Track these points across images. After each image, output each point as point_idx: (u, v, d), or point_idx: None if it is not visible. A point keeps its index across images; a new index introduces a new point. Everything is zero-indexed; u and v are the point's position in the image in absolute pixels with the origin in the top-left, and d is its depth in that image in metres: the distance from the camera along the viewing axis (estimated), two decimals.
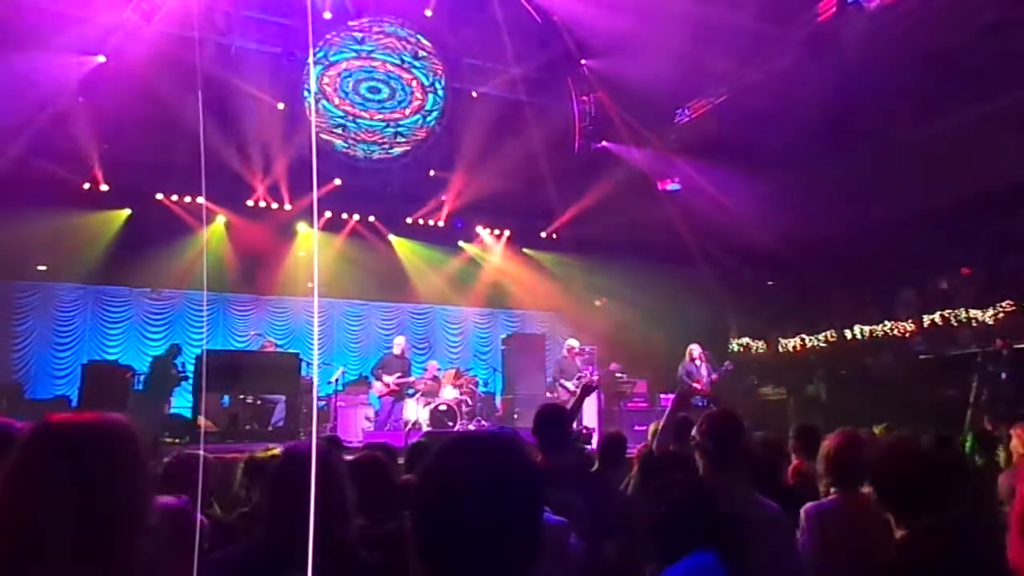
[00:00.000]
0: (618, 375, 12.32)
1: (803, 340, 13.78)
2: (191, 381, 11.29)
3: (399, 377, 11.16)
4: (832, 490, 3.04)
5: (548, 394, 12.50)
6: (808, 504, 2.96)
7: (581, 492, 3.27)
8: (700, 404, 9.83)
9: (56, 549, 1.12)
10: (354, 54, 13.56)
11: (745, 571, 1.86)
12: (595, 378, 11.28)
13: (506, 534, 1.14)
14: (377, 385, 11.20)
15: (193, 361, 11.58)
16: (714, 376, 10.84)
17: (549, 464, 3.48)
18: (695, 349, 11.15)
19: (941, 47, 9.71)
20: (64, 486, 1.15)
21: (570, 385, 11.08)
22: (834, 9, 11.30)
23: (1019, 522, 1.98)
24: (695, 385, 10.52)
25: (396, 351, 11.57)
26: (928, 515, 2.13)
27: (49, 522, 1.12)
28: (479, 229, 14.91)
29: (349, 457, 3.78)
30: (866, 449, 3.14)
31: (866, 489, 3.09)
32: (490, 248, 15.11)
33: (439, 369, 12.57)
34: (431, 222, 14.28)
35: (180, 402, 11.69)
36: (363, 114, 13.71)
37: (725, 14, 11.08)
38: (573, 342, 11.97)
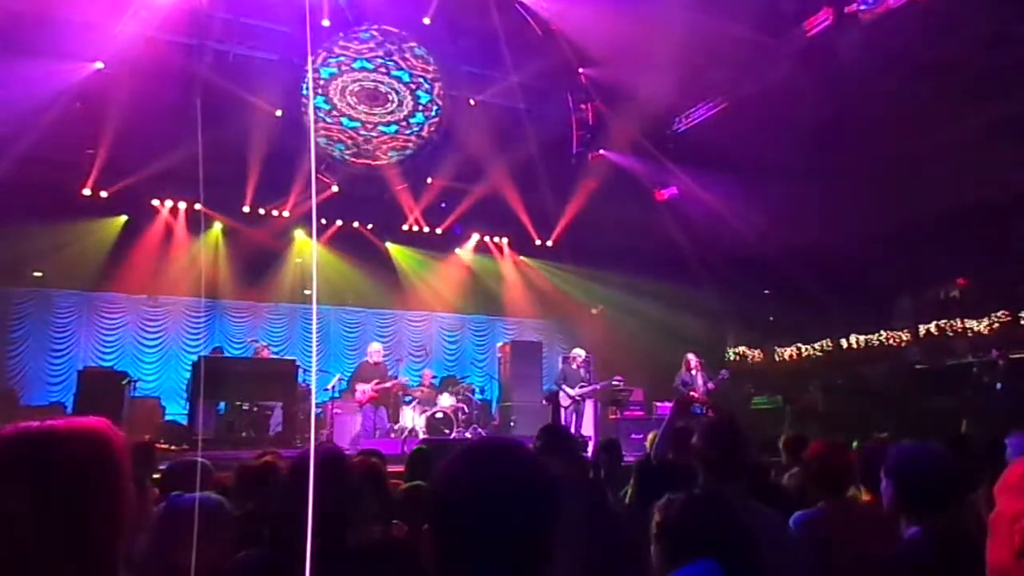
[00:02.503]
0: (615, 383, 12.33)
1: (799, 349, 13.82)
2: (188, 388, 11.30)
3: (377, 384, 11.14)
4: (820, 500, 3.07)
5: (545, 402, 12.51)
6: (796, 514, 2.99)
7: (579, 500, 3.31)
8: (698, 412, 9.82)
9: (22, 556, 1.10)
10: (353, 62, 13.59)
11: None
12: (583, 391, 11.24)
13: (524, 539, 1.17)
14: (357, 394, 11.16)
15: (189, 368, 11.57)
16: (710, 385, 10.82)
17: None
18: (691, 359, 11.15)
19: (937, 58, 9.77)
20: (23, 497, 1.11)
21: (572, 392, 11.11)
22: (830, 20, 11.39)
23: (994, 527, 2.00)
24: (691, 395, 10.51)
25: (371, 359, 11.53)
26: (943, 516, 2.20)
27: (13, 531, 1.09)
28: (476, 237, 14.92)
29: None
30: (847, 456, 3.19)
31: (866, 496, 3.13)
32: (487, 256, 15.12)
33: (434, 377, 12.56)
34: (427, 229, 14.29)
35: (175, 408, 11.67)
36: (361, 119, 13.72)
37: (722, 24, 11.14)
38: (579, 351, 12.00)
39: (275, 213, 12.95)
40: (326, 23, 12.98)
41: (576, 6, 12.79)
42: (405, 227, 14.15)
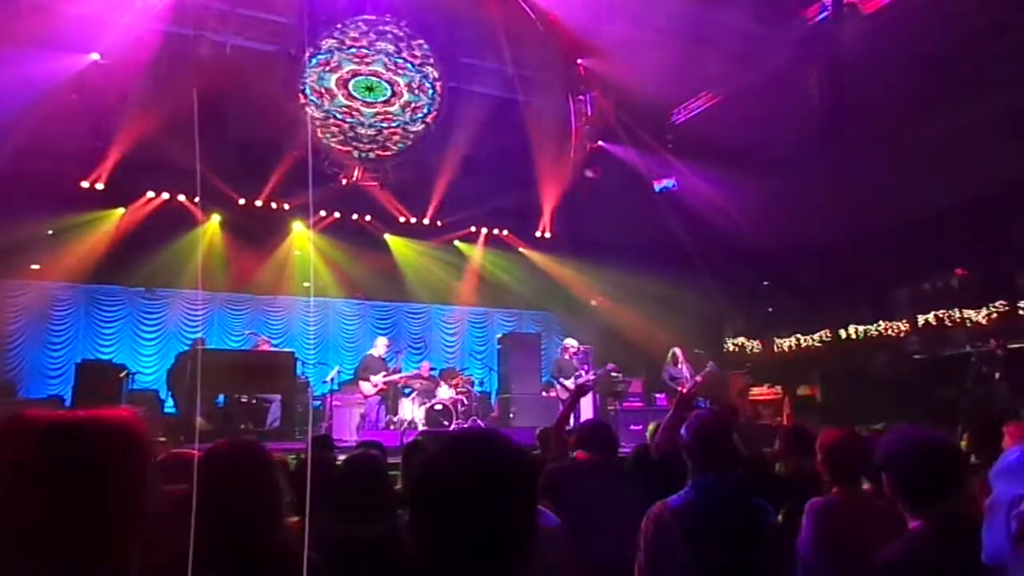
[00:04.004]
0: (614, 374, 12.33)
1: (798, 340, 13.83)
2: (168, 379, 11.34)
3: (385, 376, 11.15)
4: (834, 488, 3.08)
5: (544, 393, 12.52)
6: (813, 499, 2.99)
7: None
8: (702, 405, 9.83)
9: (35, 548, 1.08)
10: (350, 53, 13.53)
11: None
12: (591, 378, 11.31)
13: (502, 531, 1.18)
14: (365, 386, 11.14)
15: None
16: (698, 378, 10.84)
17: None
18: (678, 352, 11.17)
19: (935, 50, 9.75)
20: (40, 483, 1.09)
21: (568, 384, 11.10)
22: (829, 12, 11.35)
23: (990, 513, 1.99)
24: (680, 389, 10.53)
25: (376, 352, 11.52)
26: (944, 507, 2.15)
27: (28, 521, 1.08)
28: (475, 228, 14.89)
29: (343, 456, 3.78)
30: (863, 444, 3.17)
31: (865, 486, 3.13)
32: (486, 247, 15.09)
33: (432, 369, 12.55)
34: (426, 221, 14.26)
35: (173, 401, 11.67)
36: (359, 111, 13.67)
37: (721, 15, 11.10)
38: (571, 341, 11.98)
39: (273, 205, 12.91)
40: (323, 15, 12.91)
41: None
42: (403, 219, 14.12)
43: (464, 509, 1.16)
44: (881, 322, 12.40)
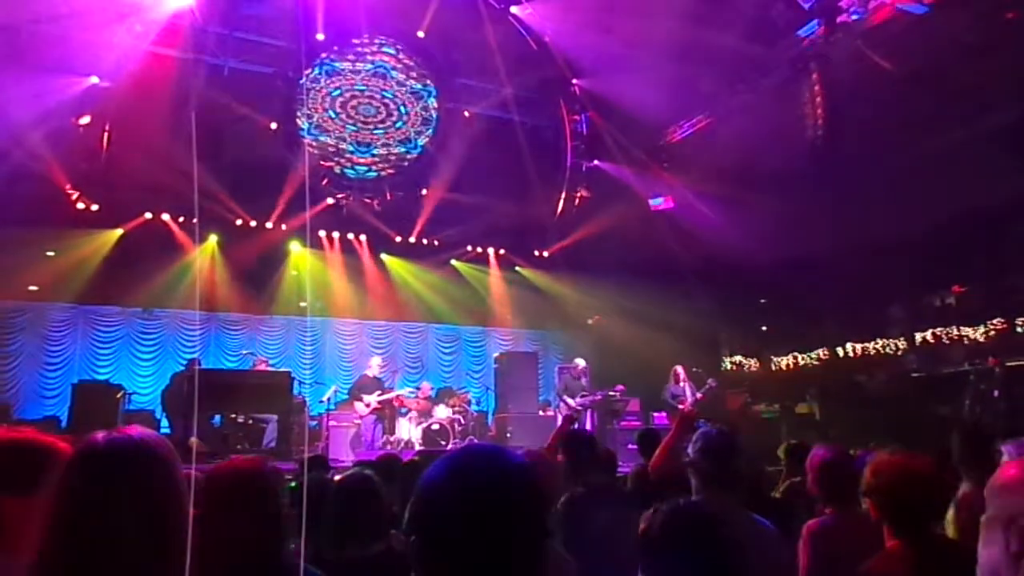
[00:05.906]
0: (611, 394, 12.29)
1: (796, 358, 13.79)
2: (163, 399, 11.31)
3: (379, 395, 11.13)
4: (827, 509, 3.05)
5: (541, 412, 12.49)
6: (810, 521, 2.97)
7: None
8: (701, 426, 9.77)
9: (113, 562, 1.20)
10: (347, 75, 13.64)
11: None
12: (588, 400, 11.32)
13: (508, 550, 1.13)
14: (359, 406, 11.12)
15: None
16: (699, 395, 10.83)
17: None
18: (679, 370, 11.16)
19: (927, 68, 9.83)
20: (113, 505, 1.22)
21: (572, 402, 11.12)
22: (822, 32, 11.46)
23: (987, 528, 1.99)
24: (680, 407, 10.50)
25: (371, 372, 11.57)
26: (927, 528, 2.21)
27: (103, 539, 1.21)
28: (471, 248, 14.90)
29: (337, 477, 3.76)
30: (855, 463, 3.15)
31: (866, 505, 3.11)
32: (482, 267, 15.10)
33: (432, 389, 12.54)
34: (423, 241, 14.28)
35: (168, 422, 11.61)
36: (355, 134, 13.75)
37: (714, 35, 11.21)
38: (580, 361, 12.01)
39: (269, 225, 12.94)
40: (320, 37, 13.06)
41: (569, 19, 12.87)
42: (400, 239, 14.15)
43: (470, 532, 1.11)
44: (879, 340, 12.38)
